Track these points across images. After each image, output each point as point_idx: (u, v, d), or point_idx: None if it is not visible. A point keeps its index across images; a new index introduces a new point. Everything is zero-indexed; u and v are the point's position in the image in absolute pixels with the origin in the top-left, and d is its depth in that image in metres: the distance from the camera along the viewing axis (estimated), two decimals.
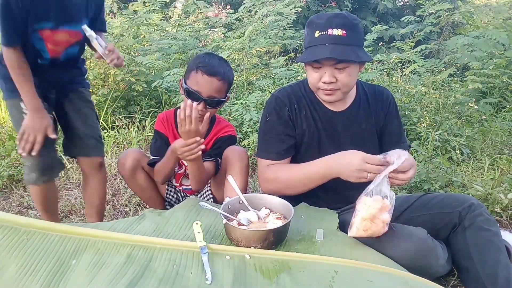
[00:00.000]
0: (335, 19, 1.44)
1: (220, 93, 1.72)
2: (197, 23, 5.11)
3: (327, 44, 1.42)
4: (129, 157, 1.80)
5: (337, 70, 1.45)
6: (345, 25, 1.42)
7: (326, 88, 1.49)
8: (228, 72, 1.77)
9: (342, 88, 1.50)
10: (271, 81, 3.88)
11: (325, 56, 1.42)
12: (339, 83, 1.48)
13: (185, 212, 1.50)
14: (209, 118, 1.67)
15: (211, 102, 1.70)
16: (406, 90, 3.66)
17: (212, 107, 1.72)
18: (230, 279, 1.16)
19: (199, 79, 1.68)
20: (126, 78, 3.52)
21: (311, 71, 1.50)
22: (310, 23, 1.49)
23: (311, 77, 1.51)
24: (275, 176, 1.57)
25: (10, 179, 2.49)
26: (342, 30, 1.42)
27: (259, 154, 1.63)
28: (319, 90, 1.53)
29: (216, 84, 1.69)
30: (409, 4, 8.77)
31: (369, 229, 1.35)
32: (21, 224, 1.25)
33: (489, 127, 3.36)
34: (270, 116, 1.61)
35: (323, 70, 1.46)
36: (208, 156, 1.82)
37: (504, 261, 1.38)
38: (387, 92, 1.71)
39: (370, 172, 1.33)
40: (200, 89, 1.68)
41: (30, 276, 1.12)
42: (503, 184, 2.29)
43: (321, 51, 1.42)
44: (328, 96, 1.53)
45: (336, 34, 1.41)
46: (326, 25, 1.43)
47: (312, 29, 1.47)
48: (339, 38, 1.42)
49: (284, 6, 4.15)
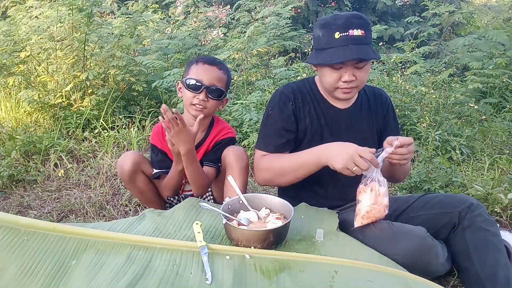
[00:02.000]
0: (354, 19, 1.45)
1: (222, 83, 1.74)
2: (196, 23, 5.11)
3: (350, 45, 1.43)
4: (128, 160, 1.77)
5: (357, 69, 1.48)
6: (363, 25, 1.45)
7: (346, 87, 1.51)
8: (227, 68, 1.79)
9: (359, 86, 1.54)
10: (271, 81, 3.88)
11: (354, 57, 1.43)
12: (357, 81, 1.51)
13: (185, 212, 1.50)
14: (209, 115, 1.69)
15: (212, 91, 1.71)
16: (406, 90, 3.66)
17: (213, 97, 1.72)
18: (230, 279, 1.16)
19: (200, 69, 1.71)
20: (126, 78, 3.52)
21: (331, 71, 1.50)
22: (326, 25, 1.48)
23: (330, 77, 1.51)
24: (269, 165, 1.60)
25: (10, 179, 2.49)
26: (361, 30, 1.44)
27: (258, 146, 1.67)
28: (337, 90, 1.54)
29: (217, 72, 1.72)
30: (409, 3, 8.77)
31: (372, 216, 1.41)
32: (21, 224, 1.25)
33: (489, 127, 3.36)
34: (273, 111, 1.63)
35: (344, 70, 1.48)
36: (208, 161, 1.82)
37: (504, 261, 1.38)
38: (385, 94, 1.77)
39: (357, 166, 1.34)
40: (201, 77, 1.70)
41: (30, 277, 1.12)
42: (503, 184, 2.29)
43: (346, 52, 1.43)
44: (346, 94, 1.55)
45: (357, 35, 1.43)
46: (346, 26, 1.44)
47: (331, 30, 1.46)
48: (360, 39, 1.44)
49: (283, 6, 4.15)
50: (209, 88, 1.70)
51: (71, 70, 3.61)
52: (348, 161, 1.35)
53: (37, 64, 3.76)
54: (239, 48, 3.86)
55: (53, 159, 2.74)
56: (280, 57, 4.50)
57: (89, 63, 3.65)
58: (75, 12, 3.43)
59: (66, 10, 3.56)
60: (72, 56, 3.60)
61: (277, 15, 4.21)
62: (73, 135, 3.25)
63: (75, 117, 3.35)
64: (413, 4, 8.61)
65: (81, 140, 3.20)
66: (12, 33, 3.69)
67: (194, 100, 1.71)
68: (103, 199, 2.31)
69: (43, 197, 2.35)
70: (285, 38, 4.62)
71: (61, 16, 3.63)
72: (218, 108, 1.81)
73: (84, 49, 3.48)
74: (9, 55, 3.68)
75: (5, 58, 3.68)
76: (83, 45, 3.45)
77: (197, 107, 1.71)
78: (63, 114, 3.39)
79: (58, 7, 3.70)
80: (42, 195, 2.37)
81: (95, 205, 2.23)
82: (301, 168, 1.53)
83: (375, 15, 8.62)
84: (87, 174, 2.62)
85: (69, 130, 3.31)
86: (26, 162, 2.71)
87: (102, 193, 2.37)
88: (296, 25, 6.69)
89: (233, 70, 4.04)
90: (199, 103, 1.70)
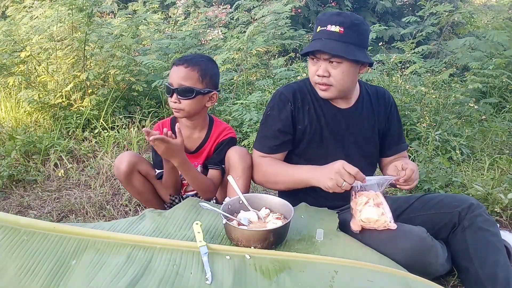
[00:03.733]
0: (336, 17, 1.50)
1: (190, 80, 1.69)
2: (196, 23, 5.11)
3: (323, 39, 1.49)
4: (124, 161, 1.77)
5: (331, 65, 1.50)
6: (344, 23, 1.47)
7: (320, 82, 1.54)
8: (202, 62, 1.73)
9: (335, 85, 1.53)
10: (271, 81, 3.88)
11: (315, 48, 1.48)
12: (331, 79, 1.52)
13: (185, 212, 1.50)
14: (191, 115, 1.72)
15: (180, 91, 1.69)
16: (406, 90, 3.66)
17: (183, 96, 1.69)
18: (230, 279, 1.16)
19: (172, 72, 1.73)
20: (126, 78, 3.52)
21: (310, 64, 1.57)
22: (316, 20, 1.56)
23: (310, 70, 1.58)
24: (265, 169, 1.64)
25: (10, 179, 2.49)
26: (340, 27, 1.47)
27: (255, 145, 1.70)
28: (316, 85, 1.59)
29: (183, 71, 1.69)
30: (408, 3, 8.77)
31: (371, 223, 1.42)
32: (21, 224, 1.25)
33: (489, 127, 3.36)
34: (271, 111, 1.65)
35: (319, 63, 1.52)
36: (212, 164, 1.81)
37: (503, 261, 1.38)
38: (388, 94, 1.76)
39: (345, 182, 1.37)
40: (171, 80, 1.71)
41: (30, 277, 1.12)
42: (503, 184, 2.29)
43: (315, 44, 1.50)
44: (322, 91, 1.57)
45: (333, 31, 1.47)
46: (327, 21, 1.49)
47: (316, 25, 1.54)
48: (335, 35, 1.47)
49: (283, 6, 4.15)
50: (177, 90, 1.69)
51: (71, 70, 3.61)
52: (336, 176, 1.38)
53: (37, 64, 3.76)
54: (239, 48, 3.86)
55: (53, 159, 2.74)
56: (280, 57, 4.50)
57: (89, 63, 3.65)
58: (75, 12, 3.43)
59: (66, 10, 3.56)
60: (72, 56, 3.60)
61: (276, 14, 4.21)
62: (73, 135, 3.25)
63: (75, 117, 3.35)
64: (413, 4, 8.62)
65: (81, 140, 3.20)
66: (12, 33, 3.69)
67: (171, 104, 1.72)
68: (103, 199, 2.31)
69: (43, 197, 2.35)
70: (285, 37, 4.61)
71: (61, 16, 3.63)
72: (205, 105, 1.76)
73: (84, 49, 3.48)
74: (9, 55, 3.68)
75: (5, 58, 3.68)
76: (83, 45, 3.45)
77: (173, 110, 1.72)
78: (63, 114, 3.39)
79: (58, 7, 3.70)
80: (42, 195, 2.37)
81: (95, 205, 2.23)
82: (292, 183, 1.59)
83: (375, 15, 8.62)
84: (87, 174, 2.62)
85: (69, 130, 3.31)
86: (26, 162, 2.71)
87: (102, 193, 2.37)
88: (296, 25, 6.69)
89: (233, 70, 4.05)
90: (173, 106, 1.71)
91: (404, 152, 1.80)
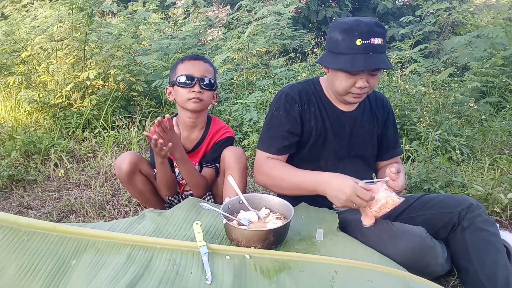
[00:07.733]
0: (377, 28, 1.44)
1: (211, 74, 1.78)
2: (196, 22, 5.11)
3: (372, 54, 1.43)
4: (126, 161, 1.77)
5: (371, 76, 1.49)
6: (383, 34, 1.45)
7: (359, 93, 1.51)
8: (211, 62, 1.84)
9: (369, 91, 1.55)
10: (271, 81, 3.88)
11: (377, 67, 1.45)
12: (369, 87, 1.52)
13: (185, 212, 1.50)
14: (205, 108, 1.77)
15: (205, 81, 1.74)
16: (406, 90, 3.66)
17: (207, 87, 1.75)
18: (230, 279, 1.16)
19: (187, 65, 1.76)
20: (126, 78, 3.52)
21: (346, 77, 1.49)
22: (348, 30, 1.44)
23: (345, 82, 1.49)
24: (270, 172, 1.60)
25: (10, 179, 2.49)
26: (381, 39, 1.44)
27: (260, 146, 1.65)
28: (348, 94, 1.54)
29: (204, 65, 1.77)
30: (409, 3, 8.77)
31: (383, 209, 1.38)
32: (21, 224, 1.25)
33: (489, 127, 3.36)
34: (278, 111, 1.62)
35: (359, 76, 1.47)
36: (206, 162, 1.82)
37: (503, 262, 1.38)
38: (386, 100, 1.78)
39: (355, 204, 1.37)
40: (191, 72, 1.74)
41: (30, 277, 1.12)
42: (503, 184, 2.29)
43: (368, 61, 1.42)
44: (357, 99, 1.56)
45: (377, 44, 1.43)
46: (369, 33, 1.42)
47: (353, 36, 1.43)
48: (379, 48, 1.44)
49: (284, 7, 4.15)
50: (201, 80, 1.73)
51: (71, 70, 3.62)
52: (347, 202, 1.37)
53: (37, 64, 3.77)
54: (239, 48, 3.86)
55: (53, 159, 2.74)
56: (280, 57, 4.50)
57: (89, 63, 3.65)
58: (75, 12, 3.43)
59: (66, 10, 3.56)
60: (72, 56, 3.60)
61: (277, 14, 4.21)
62: (73, 135, 3.25)
63: (75, 117, 3.35)
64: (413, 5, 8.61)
65: (81, 140, 3.20)
66: (12, 33, 3.69)
67: (190, 95, 1.72)
68: (103, 199, 2.31)
69: (43, 197, 2.35)
70: (285, 37, 4.61)
71: (61, 16, 3.63)
72: (211, 102, 1.82)
73: (84, 49, 3.48)
74: (9, 55, 3.68)
75: (5, 58, 3.68)
76: (83, 45, 3.45)
77: (194, 100, 1.73)
78: (63, 114, 3.39)
79: (58, 7, 3.70)
80: (42, 195, 2.37)
81: (95, 205, 2.23)
82: (298, 189, 1.55)
83: (375, 15, 8.62)
84: (87, 174, 2.62)
85: (69, 130, 3.31)
86: (26, 162, 2.72)
87: (102, 193, 2.37)
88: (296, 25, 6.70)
89: (233, 70, 4.05)
90: (195, 96, 1.72)
91: (398, 157, 1.82)
